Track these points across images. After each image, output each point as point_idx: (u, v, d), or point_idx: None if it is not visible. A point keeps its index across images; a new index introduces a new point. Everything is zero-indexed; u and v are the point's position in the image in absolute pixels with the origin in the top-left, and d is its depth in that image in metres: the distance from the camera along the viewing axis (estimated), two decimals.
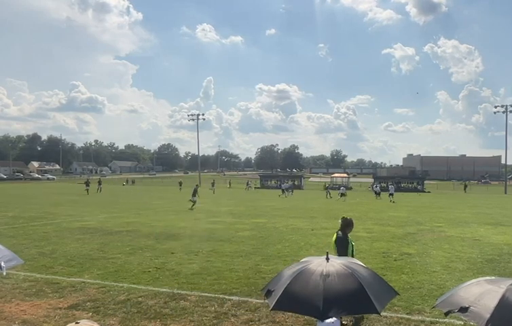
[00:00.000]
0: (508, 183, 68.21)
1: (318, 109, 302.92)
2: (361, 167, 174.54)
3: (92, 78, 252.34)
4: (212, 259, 10.47)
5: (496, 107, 69.28)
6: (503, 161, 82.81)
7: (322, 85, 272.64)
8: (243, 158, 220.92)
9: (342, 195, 39.62)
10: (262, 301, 6.56)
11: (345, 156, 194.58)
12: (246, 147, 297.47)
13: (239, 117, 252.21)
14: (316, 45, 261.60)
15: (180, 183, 57.99)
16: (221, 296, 7.29)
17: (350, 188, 72.12)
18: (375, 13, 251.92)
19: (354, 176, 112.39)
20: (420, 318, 6.40)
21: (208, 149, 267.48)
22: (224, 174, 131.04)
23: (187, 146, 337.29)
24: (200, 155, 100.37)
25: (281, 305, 3.29)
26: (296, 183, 69.82)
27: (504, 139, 67.08)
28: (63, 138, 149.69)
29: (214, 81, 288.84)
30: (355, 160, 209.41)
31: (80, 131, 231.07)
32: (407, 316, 6.44)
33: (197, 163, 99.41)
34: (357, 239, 14.12)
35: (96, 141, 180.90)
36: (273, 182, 71.43)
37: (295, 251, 11.66)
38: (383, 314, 5.50)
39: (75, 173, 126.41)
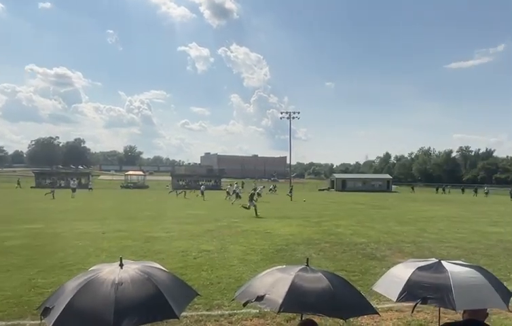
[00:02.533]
0: (292, 181, 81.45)
1: (107, 101, 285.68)
2: (158, 165, 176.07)
3: None
4: None
5: (281, 113, 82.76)
6: (288, 162, 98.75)
7: (112, 75, 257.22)
8: (11, 151, 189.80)
9: (273, 190, 39.39)
10: (38, 322, 5.70)
11: (140, 153, 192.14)
12: (14, 139, 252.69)
13: (3, 102, 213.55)
14: (104, 30, 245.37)
15: (74, 190, 43.94)
16: None
17: (147, 187, 71.95)
18: (169, 8, 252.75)
19: (151, 174, 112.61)
20: (220, 312, 6.83)
21: None
22: None
23: None
24: None
25: (62, 324, 2.87)
26: (83, 181, 64.83)
27: (289, 142, 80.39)
28: None
29: None
30: (151, 157, 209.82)
31: None
32: (207, 313, 6.78)
33: None
34: (155, 240, 14.18)
35: None
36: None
37: (83, 259, 10.73)
38: (183, 314, 5.60)
39: None
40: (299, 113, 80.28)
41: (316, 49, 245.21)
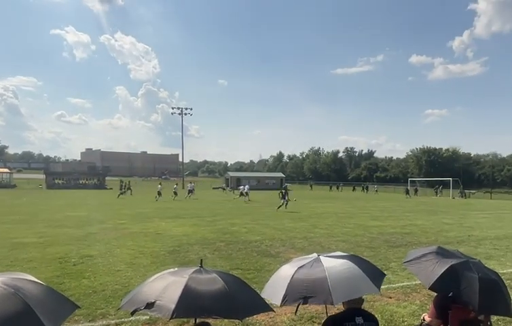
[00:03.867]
0: (185, 179, 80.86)
1: None
2: (29, 161, 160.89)
3: None
4: None
5: (172, 109, 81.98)
6: (180, 159, 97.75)
7: None
8: None
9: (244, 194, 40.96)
10: None
11: (5, 147, 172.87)
12: None
13: None
14: None
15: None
16: None
17: (14, 186, 65.09)
18: None
19: (19, 171, 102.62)
20: (105, 322, 6.45)
21: None
22: None
23: None
24: None
25: None
26: None
27: (181, 139, 79.60)
28: None
29: None
30: (20, 153, 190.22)
31: None
32: (90, 324, 6.37)
33: None
34: (24, 246, 12.90)
35: None
36: None
37: None
38: None
39: None
40: (191, 109, 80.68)
41: (208, 45, 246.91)
